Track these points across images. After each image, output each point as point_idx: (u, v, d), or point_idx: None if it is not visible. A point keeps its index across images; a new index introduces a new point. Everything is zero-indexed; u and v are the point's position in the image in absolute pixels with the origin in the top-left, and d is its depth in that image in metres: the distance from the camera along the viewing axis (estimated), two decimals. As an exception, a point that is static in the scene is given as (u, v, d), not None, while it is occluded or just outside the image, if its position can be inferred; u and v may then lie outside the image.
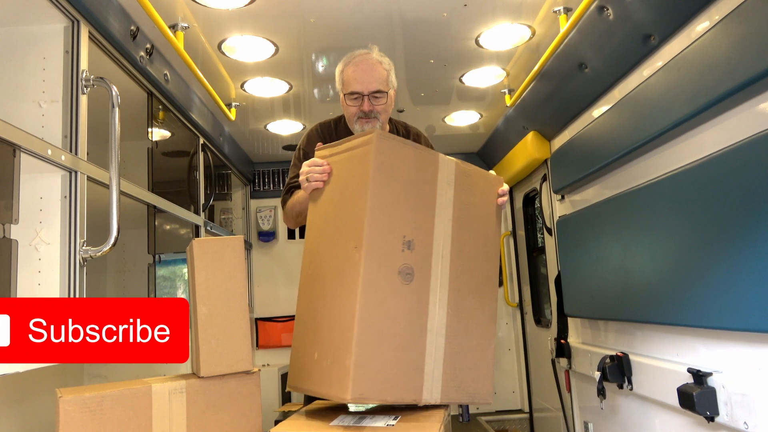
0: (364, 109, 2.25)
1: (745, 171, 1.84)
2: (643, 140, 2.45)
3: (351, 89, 2.24)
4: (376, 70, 2.25)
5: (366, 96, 2.23)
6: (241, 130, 4.33)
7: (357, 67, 2.25)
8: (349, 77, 2.25)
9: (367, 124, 2.28)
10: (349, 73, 2.26)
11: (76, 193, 2.10)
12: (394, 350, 1.68)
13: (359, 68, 2.25)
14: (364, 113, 2.26)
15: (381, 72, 2.27)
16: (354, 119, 2.29)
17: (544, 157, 3.87)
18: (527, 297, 4.90)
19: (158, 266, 3.43)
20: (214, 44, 2.93)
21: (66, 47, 2.15)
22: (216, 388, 1.76)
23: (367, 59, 2.26)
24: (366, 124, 2.28)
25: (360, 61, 2.26)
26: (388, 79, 2.29)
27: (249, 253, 5.14)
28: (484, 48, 3.10)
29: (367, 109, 2.25)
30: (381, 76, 2.27)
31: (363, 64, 2.25)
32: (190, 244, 1.83)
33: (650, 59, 2.47)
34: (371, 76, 2.24)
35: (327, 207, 1.89)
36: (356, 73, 2.24)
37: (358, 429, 1.67)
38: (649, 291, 2.42)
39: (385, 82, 2.28)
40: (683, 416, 2.24)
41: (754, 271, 1.78)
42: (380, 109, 2.28)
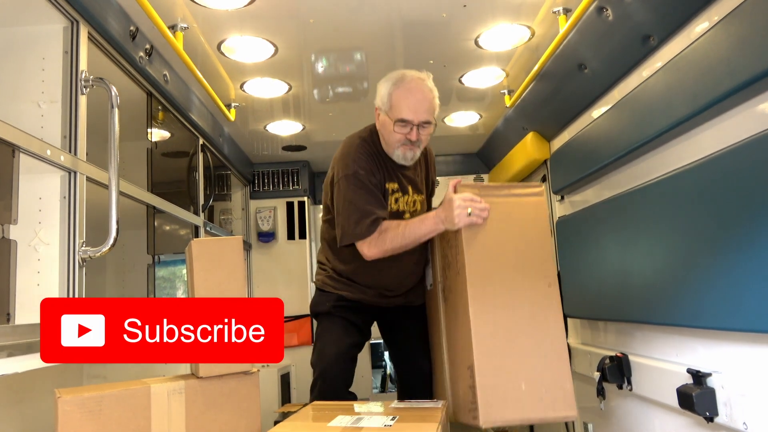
0: (411, 138, 2.23)
1: (745, 172, 1.84)
2: (643, 141, 2.45)
3: (401, 116, 2.19)
4: (428, 99, 2.22)
5: (416, 125, 2.20)
6: (241, 131, 4.33)
7: (411, 94, 2.19)
8: (400, 103, 2.19)
9: (410, 151, 2.28)
10: (400, 98, 2.20)
11: (75, 193, 2.10)
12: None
13: (414, 97, 2.19)
14: (410, 141, 2.24)
15: (433, 102, 2.25)
16: (397, 145, 2.27)
17: (543, 157, 3.87)
18: (527, 297, 4.90)
19: (158, 267, 3.43)
20: (214, 45, 2.93)
21: (65, 48, 2.15)
22: (215, 389, 1.76)
23: (422, 88, 2.21)
24: (408, 151, 2.28)
25: (414, 88, 2.20)
26: (436, 109, 2.27)
27: (248, 253, 5.14)
28: (484, 48, 3.10)
29: (414, 138, 2.23)
30: (432, 107, 2.25)
31: (417, 92, 2.20)
32: (189, 245, 1.83)
33: (650, 60, 2.47)
34: (424, 106, 2.21)
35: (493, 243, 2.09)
36: (409, 101, 2.19)
37: (356, 430, 1.68)
38: (648, 291, 2.42)
39: (434, 112, 2.26)
40: (683, 417, 2.24)
41: (754, 272, 1.78)
42: (425, 138, 2.28)
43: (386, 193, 2.35)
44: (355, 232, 2.24)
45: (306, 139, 4.63)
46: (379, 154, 2.36)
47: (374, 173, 2.30)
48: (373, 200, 2.26)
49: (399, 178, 2.40)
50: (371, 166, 2.29)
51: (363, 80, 3.53)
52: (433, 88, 2.25)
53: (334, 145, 4.83)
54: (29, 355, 1.65)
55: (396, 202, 2.39)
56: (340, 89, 3.65)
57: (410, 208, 2.46)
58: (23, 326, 1.69)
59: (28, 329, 1.69)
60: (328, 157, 5.21)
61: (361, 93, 3.72)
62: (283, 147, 4.82)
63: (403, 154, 2.28)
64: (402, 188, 2.41)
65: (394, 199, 2.38)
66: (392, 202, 2.38)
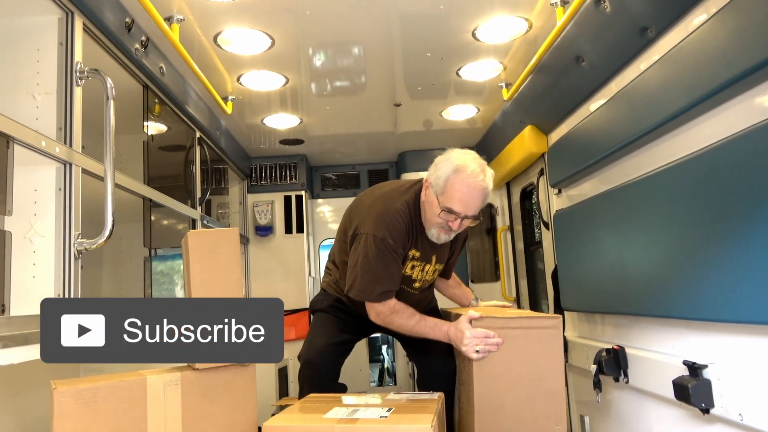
0: (453, 227, 2.23)
1: (740, 163, 1.84)
2: (640, 133, 2.45)
3: (451, 207, 2.18)
4: (483, 198, 2.22)
5: (462, 218, 2.21)
6: (238, 124, 4.32)
7: (468, 190, 2.17)
8: (454, 194, 2.17)
9: (446, 234, 2.30)
10: (456, 189, 2.17)
11: (70, 185, 2.09)
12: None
13: (470, 193, 2.18)
14: (450, 228, 2.25)
15: (485, 199, 2.23)
16: (436, 226, 2.27)
17: (541, 151, 3.87)
18: (524, 291, 4.90)
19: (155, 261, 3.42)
20: (210, 37, 2.91)
21: (60, 39, 2.14)
22: (211, 380, 1.76)
23: (481, 186, 2.19)
24: (444, 234, 2.29)
25: (473, 184, 2.18)
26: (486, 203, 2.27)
27: (246, 247, 5.13)
28: (481, 41, 3.09)
29: (456, 228, 2.24)
30: (483, 204, 2.24)
31: (475, 190, 2.18)
32: (186, 236, 1.83)
33: (647, 52, 2.46)
34: (477, 203, 2.21)
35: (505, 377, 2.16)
36: (465, 196, 2.17)
37: (351, 421, 1.68)
38: (645, 284, 2.42)
39: (483, 207, 2.26)
40: (679, 408, 2.24)
41: (750, 263, 1.78)
42: (464, 227, 2.30)
43: (405, 258, 2.36)
44: (364, 292, 2.30)
45: (303, 132, 4.62)
46: (414, 224, 2.35)
47: (403, 247, 2.31)
48: (391, 272, 2.28)
49: (425, 248, 2.39)
50: (403, 240, 2.29)
51: (361, 74, 3.52)
52: (489, 184, 2.22)
53: (332, 138, 4.87)
54: (25, 347, 1.65)
55: (412, 269, 2.40)
56: (338, 83, 3.64)
57: (425, 276, 2.47)
58: (19, 318, 1.69)
59: (23, 321, 1.69)
60: (325, 151, 5.25)
61: (359, 87, 3.71)
62: (280, 141, 4.80)
63: (438, 235, 2.30)
64: (424, 257, 2.41)
65: (411, 266, 2.39)
66: (408, 267, 2.39)
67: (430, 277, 2.52)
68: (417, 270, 2.42)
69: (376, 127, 4.60)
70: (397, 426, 1.63)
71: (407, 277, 2.41)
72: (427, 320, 2.29)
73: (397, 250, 2.27)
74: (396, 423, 1.66)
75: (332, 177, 5.73)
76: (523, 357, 2.17)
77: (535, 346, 2.18)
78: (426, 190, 2.28)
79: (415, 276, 2.43)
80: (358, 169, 5.72)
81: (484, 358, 2.16)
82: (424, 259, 2.41)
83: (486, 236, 5.41)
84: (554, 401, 2.16)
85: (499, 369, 2.17)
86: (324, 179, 5.72)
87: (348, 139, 4.93)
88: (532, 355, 2.17)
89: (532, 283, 4.80)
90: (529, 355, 2.17)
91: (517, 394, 2.16)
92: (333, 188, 5.71)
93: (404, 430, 1.62)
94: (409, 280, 2.43)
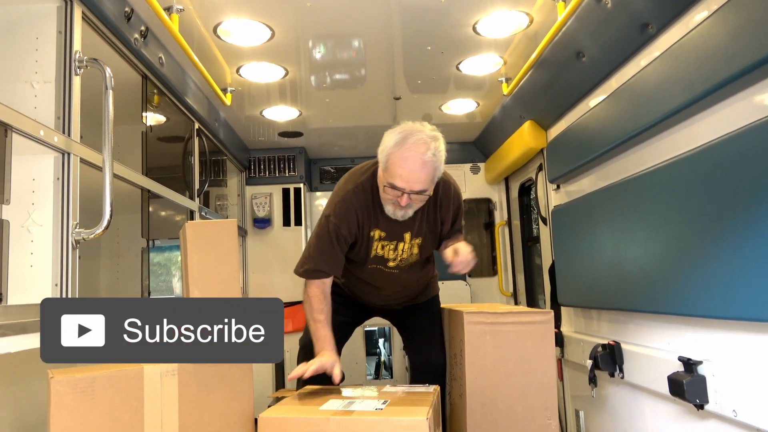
0: (401, 203, 2.14)
1: (738, 161, 1.84)
2: (639, 130, 2.45)
3: (392, 182, 2.10)
4: (425, 171, 2.08)
5: (407, 193, 2.11)
6: (237, 116, 4.31)
7: (408, 163, 2.06)
8: (394, 169, 2.08)
9: (400, 210, 2.20)
10: (398, 164, 2.08)
11: (68, 174, 2.09)
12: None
13: (410, 167, 2.06)
14: (399, 204, 2.16)
15: (429, 172, 2.10)
16: (388, 202, 2.20)
17: (540, 146, 3.87)
18: (521, 286, 4.92)
19: (153, 252, 3.43)
20: (210, 27, 2.90)
21: (59, 27, 2.13)
22: (208, 371, 1.76)
23: (422, 160, 2.06)
24: (399, 210, 2.20)
25: (411, 157, 2.06)
26: (435, 176, 2.14)
27: (244, 239, 5.13)
28: (482, 35, 3.08)
29: (404, 203, 2.14)
30: (428, 178, 2.11)
31: (416, 163, 2.06)
32: (183, 227, 1.83)
33: (648, 48, 2.46)
34: (418, 176, 2.08)
35: (497, 372, 2.18)
36: (405, 171, 2.07)
37: (346, 413, 1.68)
38: (642, 280, 2.43)
39: (431, 181, 2.13)
40: (673, 404, 2.25)
41: (746, 261, 1.79)
42: (417, 202, 2.19)
43: (370, 240, 2.34)
44: (300, 267, 2.33)
45: (302, 125, 4.61)
46: (373, 204, 2.28)
47: (350, 228, 2.27)
48: (323, 250, 2.28)
49: (392, 226, 2.31)
50: (349, 221, 2.25)
51: (360, 67, 3.51)
52: (436, 155, 2.09)
53: (331, 131, 4.87)
54: (23, 336, 1.65)
55: (383, 249, 2.37)
56: (338, 75, 3.63)
57: (402, 255, 2.40)
58: (16, 307, 1.69)
59: (21, 310, 1.69)
60: (324, 144, 5.24)
61: (359, 80, 3.70)
62: (279, 133, 4.79)
63: (393, 212, 2.22)
64: (393, 236, 2.34)
65: (381, 246, 2.36)
66: (378, 248, 2.36)
67: (409, 255, 2.41)
68: (388, 249, 2.36)
69: (376, 120, 4.59)
70: (393, 418, 1.64)
71: (379, 257, 2.38)
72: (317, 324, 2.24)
73: (340, 230, 2.24)
74: (391, 415, 1.67)
75: (331, 170, 5.72)
76: (514, 352, 2.19)
77: (527, 341, 2.20)
78: (378, 170, 2.23)
79: (387, 255, 2.38)
80: (357, 163, 5.69)
81: (477, 357, 2.18)
82: (393, 238, 2.34)
83: (484, 231, 5.42)
84: (546, 395, 2.18)
85: (491, 364, 2.18)
86: (322, 172, 5.71)
87: (347, 132, 4.93)
88: (524, 349, 2.19)
89: (530, 278, 4.81)
90: (521, 350, 2.19)
91: (509, 389, 2.17)
92: (331, 181, 5.71)
93: (400, 422, 1.63)
94: (381, 259, 2.39)
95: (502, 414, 2.16)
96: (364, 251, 2.35)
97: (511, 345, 2.20)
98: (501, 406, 2.16)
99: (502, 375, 2.18)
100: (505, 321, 2.21)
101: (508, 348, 2.19)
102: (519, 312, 2.27)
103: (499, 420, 2.16)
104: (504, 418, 2.16)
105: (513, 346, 2.20)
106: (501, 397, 2.17)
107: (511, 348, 2.19)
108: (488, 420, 2.16)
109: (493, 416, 2.16)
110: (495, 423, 2.16)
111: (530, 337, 2.20)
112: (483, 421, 2.16)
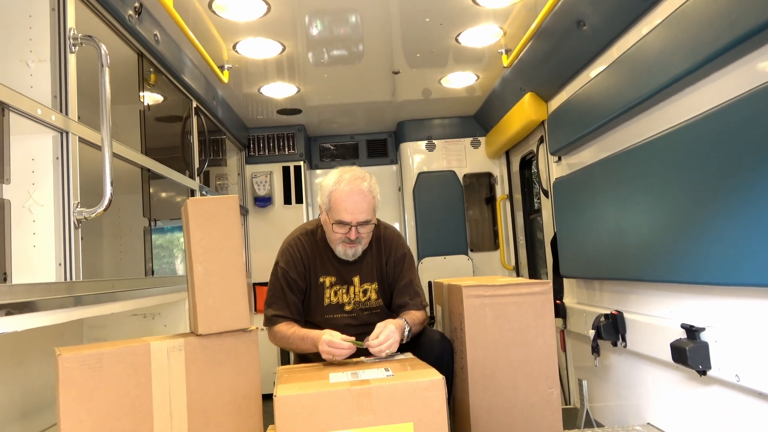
0: (351, 237, 2.28)
1: (740, 127, 1.82)
2: (640, 99, 2.42)
3: (339, 218, 2.26)
4: (366, 200, 2.26)
5: (354, 226, 2.26)
6: (235, 94, 4.27)
7: (348, 197, 2.24)
8: (338, 206, 2.25)
9: (351, 248, 2.34)
10: (338, 201, 2.25)
11: (68, 154, 2.08)
12: None
13: (351, 199, 2.24)
14: (349, 240, 2.29)
15: (370, 202, 2.28)
16: (337, 242, 2.33)
17: (541, 118, 3.84)
18: (523, 260, 4.93)
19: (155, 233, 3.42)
20: (204, 2, 2.86)
21: (52, 4, 2.10)
22: (214, 346, 1.77)
23: (359, 189, 2.25)
24: (349, 249, 2.34)
25: (351, 191, 2.24)
26: (375, 205, 2.30)
27: (245, 218, 5.13)
28: (481, 5, 3.04)
29: (354, 237, 2.29)
30: (370, 207, 2.28)
31: (355, 195, 2.24)
32: (185, 204, 1.82)
33: (649, 15, 2.42)
34: (361, 207, 2.25)
35: (497, 343, 2.21)
36: (347, 204, 2.24)
37: (363, 382, 1.69)
38: (644, 249, 2.43)
39: (372, 211, 2.30)
40: (676, 371, 2.27)
41: (747, 227, 1.79)
42: (365, 234, 2.33)
43: (321, 287, 2.39)
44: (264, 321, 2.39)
45: (301, 102, 4.58)
46: (319, 251, 2.41)
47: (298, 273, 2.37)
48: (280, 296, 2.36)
49: (340, 271, 2.40)
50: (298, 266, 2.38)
51: (358, 42, 3.47)
52: (372, 188, 2.29)
53: (330, 108, 4.83)
54: (27, 314, 1.66)
55: (335, 295, 2.41)
56: (335, 51, 3.59)
57: (357, 298, 2.43)
58: (21, 285, 1.69)
59: (26, 289, 1.69)
60: (324, 121, 5.21)
61: (356, 56, 3.66)
62: (278, 110, 4.76)
63: (344, 251, 2.34)
64: (342, 280, 2.40)
65: (333, 292, 2.40)
66: (330, 295, 2.40)
67: (365, 299, 2.43)
68: (341, 293, 2.42)
69: (375, 96, 4.55)
70: (412, 381, 1.65)
71: (334, 304, 2.41)
72: (299, 331, 2.24)
73: (289, 275, 2.36)
74: (408, 378, 1.68)
75: (330, 147, 5.69)
76: (514, 323, 2.21)
77: (527, 312, 2.22)
78: (322, 215, 2.37)
79: (342, 300, 2.41)
80: (356, 139, 5.68)
81: (477, 329, 2.20)
82: (344, 282, 2.41)
83: (485, 205, 5.41)
84: (547, 365, 2.21)
85: (491, 336, 2.21)
86: (322, 149, 5.69)
87: (346, 109, 4.89)
88: (523, 321, 2.22)
89: (531, 251, 4.82)
90: (521, 322, 2.22)
91: (510, 360, 2.20)
92: (331, 159, 5.69)
93: (419, 384, 1.64)
94: (336, 307, 2.41)
95: (504, 385, 2.19)
96: (315, 299, 2.40)
97: (510, 316, 2.21)
98: (502, 377, 2.19)
99: (503, 346, 2.20)
100: (503, 293, 2.23)
101: (508, 320, 2.21)
102: (517, 284, 2.28)
103: (501, 391, 2.19)
104: (506, 388, 2.19)
105: (513, 318, 2.21)
106: (502, 368, 2.20)
107: (511, 319, 2.21)
108: (490, 391, 2.19)
109: (495, 387, 2.19)
110: (497, 393, 2.18)
111: (529, 308, 2.22)
112: (485, 392, 2.18)
